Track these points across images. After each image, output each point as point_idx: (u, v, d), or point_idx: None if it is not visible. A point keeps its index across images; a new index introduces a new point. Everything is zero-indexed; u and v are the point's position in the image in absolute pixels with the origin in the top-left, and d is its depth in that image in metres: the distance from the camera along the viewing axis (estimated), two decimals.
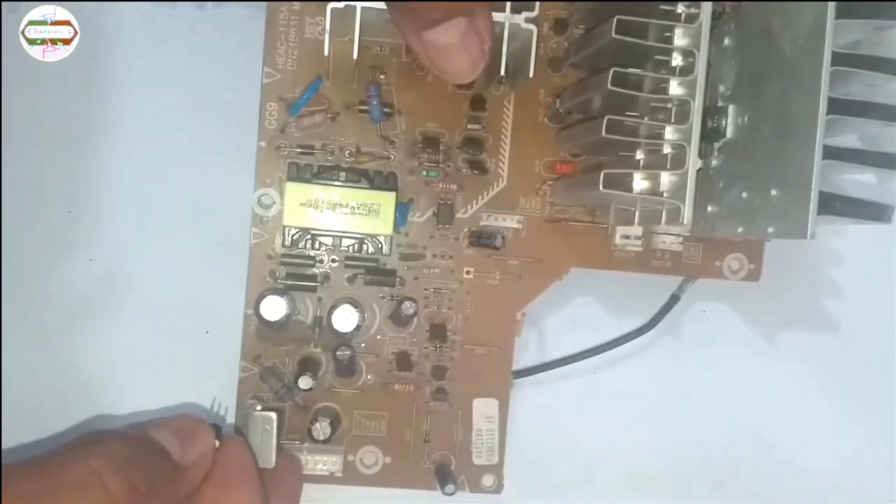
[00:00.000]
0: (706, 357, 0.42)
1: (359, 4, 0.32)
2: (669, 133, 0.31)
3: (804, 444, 0.42)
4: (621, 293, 0.40)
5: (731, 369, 0.42)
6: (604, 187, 0.30)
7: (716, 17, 0.36)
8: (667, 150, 0.31)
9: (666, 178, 0.31)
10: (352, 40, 0.34)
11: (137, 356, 0.39)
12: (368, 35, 0.36)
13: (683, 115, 0.30)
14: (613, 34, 0.29)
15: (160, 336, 0.39)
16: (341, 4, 0.32)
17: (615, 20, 0.29)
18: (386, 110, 0.37)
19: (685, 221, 0.29)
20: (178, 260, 0.39)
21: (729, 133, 0.35)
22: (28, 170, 0.38)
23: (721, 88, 0.36)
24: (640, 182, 0.31)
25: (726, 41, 0.36)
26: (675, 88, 0.31)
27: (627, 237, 0.38)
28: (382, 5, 0.32)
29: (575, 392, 0.41)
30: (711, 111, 0.35)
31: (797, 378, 0.42)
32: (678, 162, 0.30)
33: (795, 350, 0.42)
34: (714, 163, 0.36)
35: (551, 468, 0.41)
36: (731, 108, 0.35)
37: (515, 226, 0.38)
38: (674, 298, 0.40)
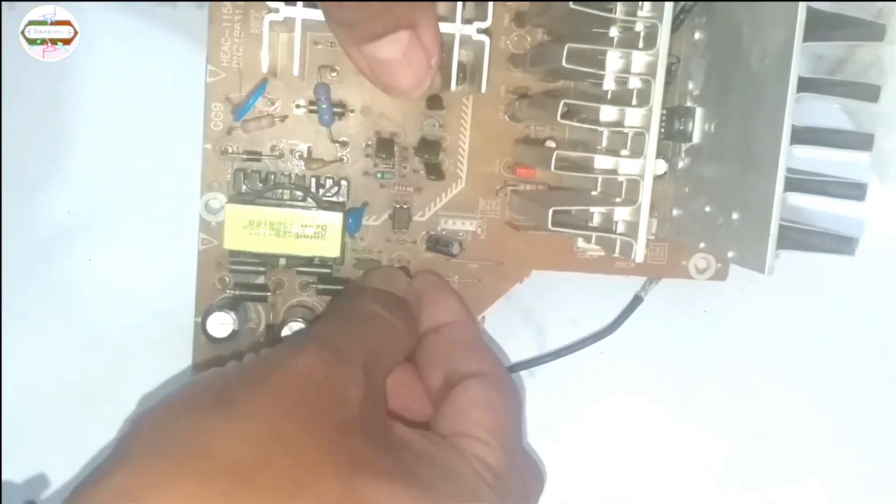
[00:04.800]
0: (668, 359, 0.41)
1: (298, 17, 0.30)
2: (625, 166, 0.29)
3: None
4: (583, 294, 0.39)
5: (690, 371, 0.41)
6: (552, 226, 0.28)
7: (685, 10, 0.34)
8: (622, 179, 0.30)
9: (622, 211, 0.29)
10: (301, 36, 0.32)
11: (86, 363, 0.38)
12: (317, 30, 0.34)
13: (640, 146, 0.29)
14: (564, 63, 0.27)
15: (109, 346, 0.38)
16: (280, 17, 0.30)
17: (566, 49, 0.27)
18: (337, 110, 0.35)
19: (638, 259, 0.28)
20: (128, 266, 0.38)
21: (695, 138, 0.33)
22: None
23: (690, 86, 0.34)
24: (596, 215, 0.30)
25: (697, 35, 0.34)
26: (632, 118, 0.29)
27: (590, 238, 0.37)
28: (321, 16, 0.30)
29: (538, 395, 0.40)
30: (679, 112, 0.34)
31: (773, 379, 0.41)
32: (633, 193, 0.29)
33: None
34: (681, 164, 0.34)
35: None
36: (698, 112, 0.33)
37: (475, 229, 0.37)
38: (637, 299, 0.39)
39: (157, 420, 0.27)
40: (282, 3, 0.30)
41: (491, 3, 0.31)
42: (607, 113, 0.30)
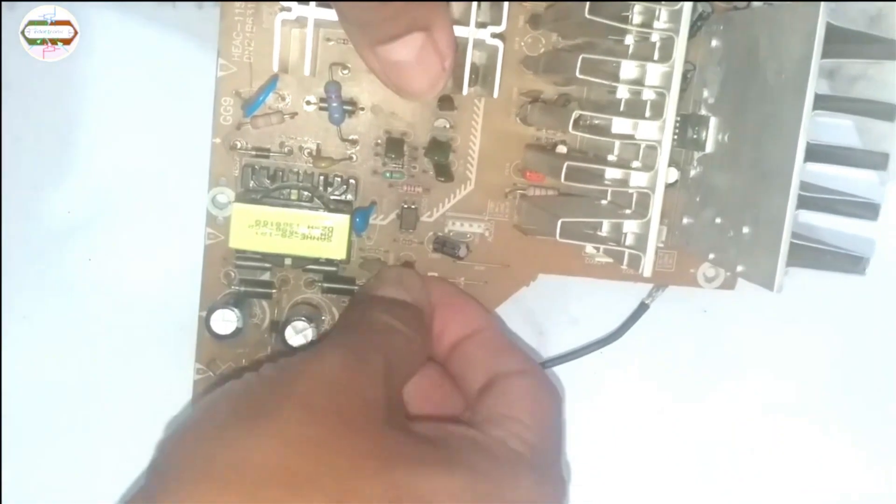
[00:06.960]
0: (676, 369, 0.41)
1: (311, 16, 0.29)
2: (636, 178, 0.29)
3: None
4: (589, 299, 0.39)
5: (696, 381, 0.41)
6: (560, 237, 0.28)
7: (703, 17, 0.34)
8: (632, 191, 0.29)
9: (632, 224, 0.29)
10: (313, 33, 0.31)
11: (88, 362, 0.38)
12: (329, 27, 0.34)
13: (651, 159, 0.28)
14: (577, 74, 0.27)
15: (111, 344, 0.38)
16: (293, 16, 0.29)
17: (580, 59, 0.27)
18: (347, 108, 0.35)
19: (646, 273, 0.28)
20: (133, 261, 0.37)
21: (708, 147, 0.33)
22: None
23: (705, 94, 0.34)
24: (606, 227, 0.30)
25: (714, 42, 0.34)
26: (644, 129, 0.29)
27: (598, 248, 0.36)
28: (334, 15, 0.29)
29: None
30: (694, 120, 0.34)
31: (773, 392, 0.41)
32: (643, 205, 0.28)
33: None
34: (693, 172, 0.34)
35: None
36: (712, 121, 0.33)
37: (482, 231, 0.37)
38: (643, 306, 0.38)
39: (189, 443, 0.27)
40: (294, 3, 0.30)
41: (506, 5, 0.31)
42: (619, 124, 0.30)
